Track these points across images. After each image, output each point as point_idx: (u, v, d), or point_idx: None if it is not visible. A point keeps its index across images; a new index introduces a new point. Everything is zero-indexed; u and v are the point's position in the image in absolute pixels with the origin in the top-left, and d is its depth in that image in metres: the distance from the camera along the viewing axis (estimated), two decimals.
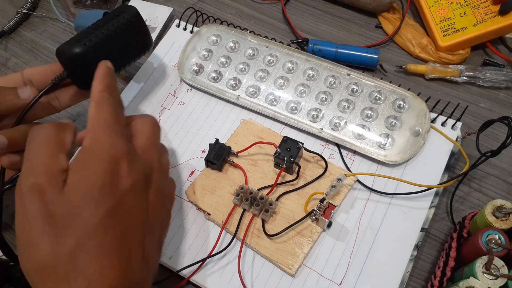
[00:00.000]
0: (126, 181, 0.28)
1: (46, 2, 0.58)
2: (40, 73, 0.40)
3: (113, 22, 0.39)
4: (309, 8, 0.55)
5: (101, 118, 0.29)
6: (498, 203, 0.34)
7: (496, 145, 0.37)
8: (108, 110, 0.30)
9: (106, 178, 0.27)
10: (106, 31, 0.39)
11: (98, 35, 0.38)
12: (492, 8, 0.48)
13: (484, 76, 0.47)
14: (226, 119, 0.46)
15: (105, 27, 0.39)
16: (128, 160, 0.28)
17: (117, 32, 0.39)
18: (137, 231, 0.29)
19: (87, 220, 0.26)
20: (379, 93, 0.45)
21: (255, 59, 0.48)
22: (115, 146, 0.28)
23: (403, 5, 0.52)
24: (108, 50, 0.39)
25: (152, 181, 0.31)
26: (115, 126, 0.30)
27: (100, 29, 0.38)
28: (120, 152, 0.28)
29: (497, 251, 0.32)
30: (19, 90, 0.37)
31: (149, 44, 0.44)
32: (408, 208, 0.40)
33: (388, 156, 0.42)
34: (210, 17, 0.53)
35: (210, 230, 0.40)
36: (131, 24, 0.40)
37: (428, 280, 0.38)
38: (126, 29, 0.40)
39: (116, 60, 0.39)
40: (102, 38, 0.38)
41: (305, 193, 0.41)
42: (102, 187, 0.27)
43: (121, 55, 0.41)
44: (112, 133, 0.29)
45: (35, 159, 0.28)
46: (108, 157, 0.28)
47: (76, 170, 0.28)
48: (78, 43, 0.37)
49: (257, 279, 0.38)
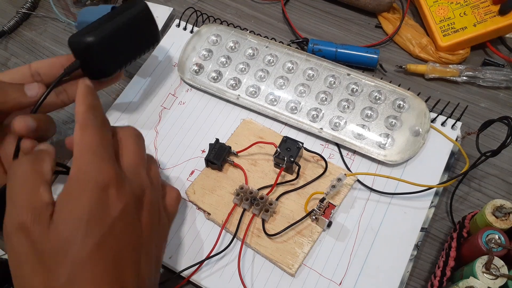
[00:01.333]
0: (115, 208, 0.27)
1: (46, 2, 0.58)
2: (48, 65, 0.39)
3: (123, 15, 0.39)
4: (309, 8, 0.55)
5: (86, 143, 0.29)
6: (498, 203, 0.34)
7: (496, 145, 0.37)
8: (92, 132, 0.29)
9: (93, 209, 0.27)
10: (116, 23, 0.38)
11: (109, 26, 0.38)
12: (492, 8, 0.48)
13: (484, 76, 0.47)
14: (226, 119, 0.46)
15: (115, 20, 0.39)
16: (117, 185, 0.28)
17: (128, 24, 0.39)
18: (130, 256, 0.28)
19: (76, 254, 0.26)
20: (379, 93, 0.45)
21: (255, 59, 0.48)
22: (101, 173, 0.28)
23: (403, 5, 0.52)
24: (119, 42, 0.39)
25: (143, 200, 0.30)
26: (100, 149, 0.29)
27: (111, 21, 0.38)
28: (107, 178, 0.28)
29: (497, 251, 0.32)
30: (26, 87, 0.36)
31: (157, 38, 0.44)
32: (408, 208, 0.40)
33: (388, 156, 0.42)
34: (210, 17, 0.53)
35: (210, 230, 0.40)
36: (141, 17, 0.41)
37: (428, 280, 0.38)
38: (136, 22, 0.40)
39: (125, 52, 0.41)
40: (114, 29, 0.38)
41: (305, 193, 0.41)
42: (89, 220, 0.26)
43: (131, 48, 0.41)
44: (97, 158, 0.28)
45: (16, 198, 0.28)
46: (94, 186, 0.27)
47: (62, 204, 0.27)
48: (91, 32, 0.37)
49: (257, 278, 0.38)
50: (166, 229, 0.34)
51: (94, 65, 0.38)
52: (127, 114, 0.47)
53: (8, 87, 0.36)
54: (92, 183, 0.27)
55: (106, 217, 0.27)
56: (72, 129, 0.49)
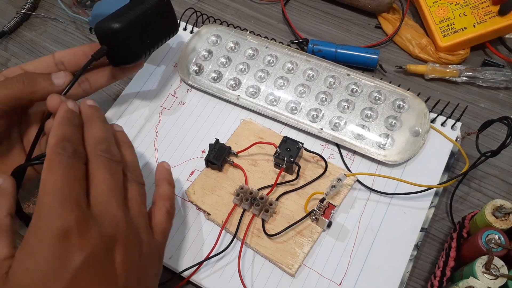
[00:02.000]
0: (77, 259, 0.25)
1: (46, 2, 0.58)
2: (72, 55, 0.39)
3: (145, 4, 0.40)
4: (309, 8, 0.55)
5: (50, 183, 0.26)
6: (498, 203, 0.34)
7: (496, 145, 0.37)
8: (58, 171, 0.27)
9: (50, 266, 0.25)
10: (140, 11, 0.40)
11: (133, 13, 0.39)
12: (491, 9, 0.48)
13: (484, 76, 0.47)
14: (226, 119, 0.46)
15: (139, 8, 0.40)
16: (79, 231, 0.25)
17: (150, 12, 0.40)
18: None
19: None
20: (379, 93, 0.45)
21: (255, 60, 0.48)
22: (61, 219, 0.25)
23: (403, 6, 0.52)
24: (143, 29, 0.40)
25: (117, 237, 0.27)
26: (64, 190, 0.26)
27: (134, 9, 0.39)
28: (67, 225, 0.25)
29: (497, 251, 0.32)
30: (53, 76, 0.35)
31: (176, 27, 0.45)
32: (408, 208, 0.40)
33: (388, 156, 0.42)
34: (210, 17, 0.53)
35: (210, 230, 0.40)
36: (161, 7, 0.42)
37: (428, 280, 0.38)
38: (157, 10, 0.41)
39: (149, 39, 0.42)
40: (138, 16, 0.39)
41: (305, 193, 0.41)
42: (47, 275, 0.24)
43: (153, 35, 0.42)
44: (59, 201, 0.26)
45: None
46: (53, 236, 0.25)
47: (19, 260, 0.26)
48: (117, 19, 0.38)
49: (257, 279, 0.38)
50: (155, 253, 0.31)
51: (120, 50, 0.39)
52: (127, 115, 0.47)
53: (36, 77, 0.35)
54: (50, 233, 0.25)
55: (65, 273, 0.25)
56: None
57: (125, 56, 0.40)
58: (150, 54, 0.42)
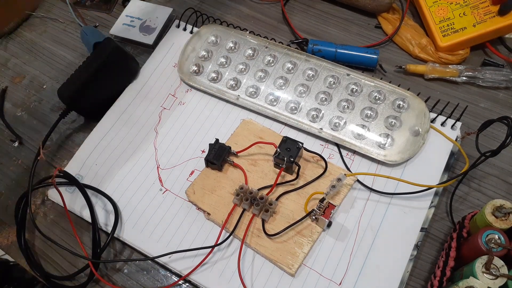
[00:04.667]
0: None
1: (46, 3, 0.58)
2: None
3: (98, 57, 0.46)
4: (309, 8, 0.55)
5: None
6: (498, 203, 0.34)
7: (496, 145, 0.37)
8: None
9: None
10: (93, 68, 0.45)
11: (86, 73, 0.45)
12: (491, 9, 0.48)
13: (484, 76, 0.47)
14: (226, 119, 0.46)
15: (92, 65, 0.45)
16: None
17: (102, 66, 0.46)
18: None
19: None
20: (379, 93, 0.45)
21: (255, 60, 0.48)
22: None
23: (403, 6, 0.52)
24: (99, 83, 0.46)
25: None
26: None
27: (88, 67, 0.45)
28: None
29: (497, 251, 0.32)
30: None
31: (136, 68, 0.50)
32: (408, 208, 0.40)
33: (388, 156, 0.42)
34: (210, 17, 0.53)
35: (210, 230, 0.40)
36: (112, 56, 0.46)
37: (428, 280, 0.38)
38: (110, 61, 0.46)
39: (106, 90, 0.48)
40: (91, 75, 0.45)
41: (305, 193, 0.41)
42: None
43: (110, 86, 0.48)
44: None
45: None
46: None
47: None
48: (71, 85, 0.45)
49: (257, 278, 0.38)
50: None
51: (81, 109, 0.47)
52: (127, 115, 0.47)
53: None
54: None
55: None
56: (72, 129, 0.49)
57: (89, 113, 0.48)
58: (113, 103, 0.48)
